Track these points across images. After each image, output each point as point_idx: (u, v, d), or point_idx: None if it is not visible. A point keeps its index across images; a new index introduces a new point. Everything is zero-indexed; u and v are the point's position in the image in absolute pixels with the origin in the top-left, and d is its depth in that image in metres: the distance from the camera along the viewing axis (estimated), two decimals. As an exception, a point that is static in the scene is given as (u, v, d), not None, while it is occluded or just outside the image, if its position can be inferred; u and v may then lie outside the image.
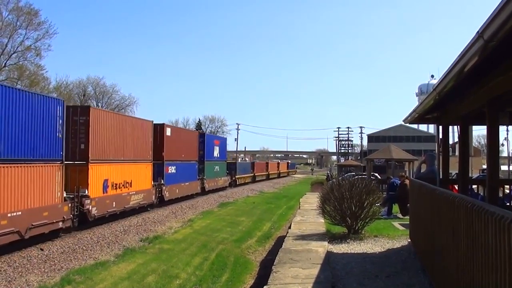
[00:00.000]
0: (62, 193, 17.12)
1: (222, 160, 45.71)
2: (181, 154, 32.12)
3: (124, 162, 22.90)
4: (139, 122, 25.70)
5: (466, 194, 9.02)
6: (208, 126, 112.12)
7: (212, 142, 41.78)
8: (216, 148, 42.40)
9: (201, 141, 37.82)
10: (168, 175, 29.13)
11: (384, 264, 9.75)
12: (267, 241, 20.80)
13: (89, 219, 19.22)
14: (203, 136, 39.69)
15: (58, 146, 16.95)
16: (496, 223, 3.79)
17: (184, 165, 32.65)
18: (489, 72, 6.09)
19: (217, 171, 42.99)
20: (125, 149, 23.20)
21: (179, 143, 31.49)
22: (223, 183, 45.47)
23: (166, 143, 28.86)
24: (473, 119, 9.77)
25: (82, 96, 70.96)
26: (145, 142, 25.76)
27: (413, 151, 60.97)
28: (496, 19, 3.97)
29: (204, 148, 38.08)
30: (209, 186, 39.67)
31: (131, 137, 23.91)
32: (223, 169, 46.01)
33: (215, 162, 41.93)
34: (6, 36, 49.16)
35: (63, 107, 17.27)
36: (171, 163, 29.85)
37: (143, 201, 25.18)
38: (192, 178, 34.95)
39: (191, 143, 35.10)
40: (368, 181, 14.80)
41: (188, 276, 14.15)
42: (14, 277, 12.48)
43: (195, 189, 35.85)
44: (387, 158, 35.59)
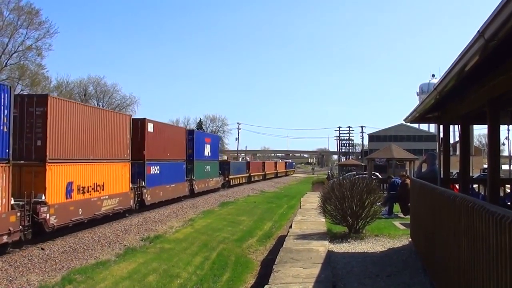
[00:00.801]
0: (8, 200, 14.08)
1: (214, 160, 42.60)
2: (166, 152, 29.17)
3: (94, 162, 19.82)
4: (114, 116, 22.79)
5: (467, 193, 9.02)
6: (209, 126, 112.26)
7: (202, 139, 38.70)
8: (207, 147, 39.38)
9: (190, 138, 35.01)
10: (150, 176, 26.18)
11: (385, 264, 9.75)
12: (268, 240, 20.81)
13: (46, 230, 16.12)
14: (192, 133, 36.60)
15: (3, 142, 13.97)
16: (497, 222, 3.79)
17: (170, 165, 29.67)
18: (490, 72, 6.08)
19: (208, 171, 39.82)
20: (96, 146, 20.08)
21: (163, 140, 28.54)
22: (215, 184, 42.17)
23: (148, 140, 25.92)
24: (474, 119, 9.77)
25: (83, 96, 71.03)
26: (121, 139, 22.63)
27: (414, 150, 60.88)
28: (496, 18, 3.97)
29: (193, 146, 35.22)
30: (199, 188, 36.56)
31: (104, 133, 20.80)
32: (215, 169, 42.84)
33: (205, 161, 38.87)
34: (7, 35, 49.31)
35: (9, 95, 14.21)
36: (154, 163, 26.84)
37: (119, 206, 21.97)
38: (179, 179, 31.83)
39: (178, 140, 31.89)
40: (369, 181, 14.78)
41: (189, 275, 14.17)
42: (15, 276, 12.49)
43: (183, 191, 32.59)
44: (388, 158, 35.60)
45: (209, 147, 39.91)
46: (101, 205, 20.19)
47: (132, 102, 78.77)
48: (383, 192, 19.17)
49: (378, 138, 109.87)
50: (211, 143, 40.93)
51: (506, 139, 36.02)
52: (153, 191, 26.44)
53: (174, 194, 30.41)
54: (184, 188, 32.89)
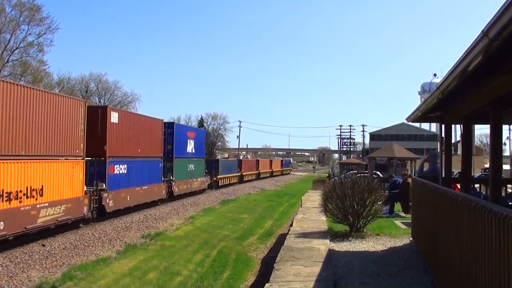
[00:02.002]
0: None
1: (199, 157, 37.86)
2: (137, 148, 24.78)
3: (28, 159, 15.41)
4: (61, 101, 17.76)
5: (469, 193, 8.99)
6: (210, 123, 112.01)
7: (184, 134, 34.12)
8: (190, 142, 34.84)
9: (169, 132, 30.61)
10: (114, 176, 21.86)
11: (386, 263, 9.74)
12: (269, 238, 20.83)
13: None
14: (172, 126, 31.76)
15: None
16: (499, 222, 3.78)
17: (142, 164, 25.30)
18: (493, 72, 6.07)
19: (192, 170, 35.30)
20: (32, 139, 15.69)
21: (133, 133, 24.26)
22: (199, 185, 37.62)
23: (111, 133, 21.59)
24: (476, 118, 9.74)
25: (84, 92, 71.02)
26: (72, 131, 17.97)
27: (415, 149, 60.92)
28: (501, 17, 3.95)
29: (173, 142, 30.87)
30: (180, 190, 32.18)
31: (46, 122, 16.48)
32: (201, 168, 38.19)
33: (188, 159, 34.48)
34: (9, 31, 49.23)
35: None
36: (120, 161, 22.54)
37: (65, 216, 17.39)
38: (154, 180, 27.29)
39: (153, 134, 27.30)
40: (370, 180, 14.77)
41: (190, 273, 14.18)
42: (16, 272, 12.51)
43: (159, 194, 28.09)
44: (389, 157, 35.62)
45: (192, 142, 35.49)
46: (37, 215, 15.67)
47: (134, 100, 78.67)
48: (384, 191, 19.17)
49: (379, 137, 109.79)
50: (195, 138, 36.57)
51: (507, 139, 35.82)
52: (117, 195, 21.97)
53: (146, 198, 25.99)
54: (161, 190, 28.42)
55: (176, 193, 31.44)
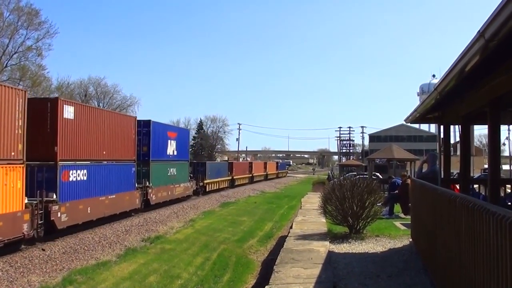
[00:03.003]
0: None
1: (182, 160, 33.60)
2: (101, 150, 20.80)
3: None
4: None
5: (467, 193, 9.02)
6: (210, 126, 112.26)
7: (163, 134, 29.99)
8: (171, 143, 30.91)
9: (145, 132, 26.79)
10: (69, 185, 17.73)
11: (385, 264, 9.75)
12: (269, 241, 20.82)
13: None
14: (148, 124, 27.23)
15: None
16: (497, 222, 3.79)
17: (107, 168, 21.26)
18: (491, 72, 6.09)
19: (173, 175, 31.15)
20: None
21: (95, 132, 20.18)
22: (183, 192, 33.27)
23: (65, 131, 17.51)
24: (475, 119, 9.77)
25: (83, 96, 71.06)
26: (4, 128, 14.10)
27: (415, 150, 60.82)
28: (497, 18, 3.97)
29: (150, 143, 26.94)
30: (158, 198, 28.03)
31: None
32: (184, 173, 34.03)
33: (169, 162, 30.51)
34: (7, 36, 49.25)
35: None
36: (77, 165, 18.46)
37: None
38: (126, 188, 23.12)
39: (123, 134, 23.27)
40: (369, 181, 14.79)
41: (190, 276, 14.17)
42: (16, 277, 12.50)
43: (131, 203, 23.79)
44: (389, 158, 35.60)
45: (174, 143, 31.49)
46: None
47: (133, 103, 78.75)
48: (383, 192, 19.18)
49: (378, 138, 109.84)
50: (177, 138, 32.34)
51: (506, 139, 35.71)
52: (73, 207, 17.89)
53: (115, 209, 21.87)
54: (134, 199, 24.20)
55: (154, 202, 27.24)
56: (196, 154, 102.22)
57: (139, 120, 26.86)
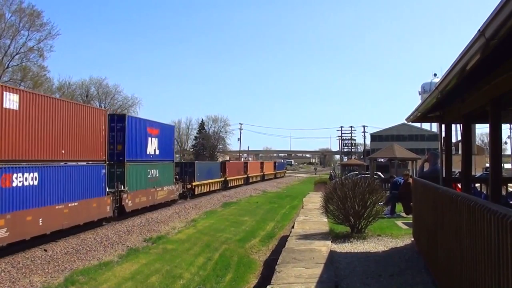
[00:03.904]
0: None
1: (166, 160, 29.83)
2: (58, 149, 17.15)
3: None
4: None
5: (469, 192, 9.01)
6: (211, 126, 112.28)
7: (142, 130, 26.12)
8: (152, 141, 27.19)
9: (119, 128, 23.29)
10: (11, 191, 14.45)
11: (387, 263, 9.75)
12: (271, 240, 20.81)
13: None
14: (123, 119, 23.81)
15: None
16: (498, 221, 3.79)
17: (67, 170, 17.66)
18: (492, 71, 6.08)
19: (155, 177, 27.56)
20: None
21: (49, 127, 16.55)
22: (166, 196, 29.53)
23: (5, 124, 14.31)
24: (476, 118, 9.76)
25: (85, 97, 71.17)
26: None
27: (416, 150, 60.95)
28: (497, 17, 3.97)
29: (125, 140, 23.44)
30: (136, 203, 24.39)
31: None
32: (168, 174, 30.27)
33: (149, 163, 26.89)
34: (9, 37, 49.44)
35: None
36: (23, 167, 15.09)
37: None
38: (93, 193, 19.61)
39: (89, 129, 19.72)
40: (371, 180, 14.79)
41: (192, 276, 14.18)
42: (18, 277, 12.52)
43: (99, 211, 20.29)
44: (390, 157, 35.61)
45: (156, 141, 27.79)
46: None
47: (134, 103, 78.85)
48: (385, 191, 19.17)
49: (380, 137, 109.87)
50: (159, 136, 28.48)
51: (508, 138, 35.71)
52: (16, 219, 14.45)
53: (77, 219, 18.29)
54: (103, 206, 20.67)
55: (130, 208, 23.66)
56: (197, 154, 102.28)
57: (112, 115, 24.73)
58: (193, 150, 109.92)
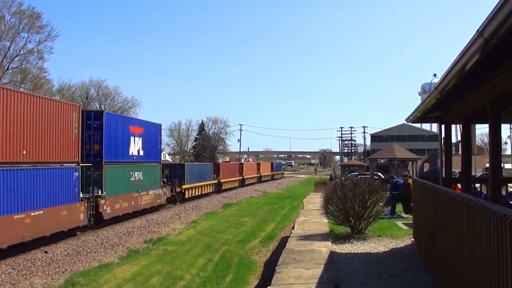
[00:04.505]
0: None
1: (152, 162, 27.45)
2: (18, 148, 15.03)
3: None
4: None
5: (469, 193, 9.01)
6: (211, 127, 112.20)
7: (124, 129, 23.70)
8: (135, 141, 24.75)
9: (97, 126, 21.20)
10: None
11: (387, 264, 9.74)
12: (271, 241, 20.82)
13: None
14: (100, 116, 21.69)
15: None
16: (497, 221, 3.79)
17: (30, 174, 15.53)
18: (491, 71, 6.08)
19: (139, 180, 24.97)
20: None
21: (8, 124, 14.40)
22: (152, 201, 26.92)
23: None
24: (476, 118, 9.76)
25: (85, 99, 71.18)
26: None
27: (416, 150, 60.85)
28: (495, 17, 3.97)
29: (103, 140, 21.32)
30: (116, 210, 21.93)
31: None
32: (154, 177, 27.69)
33: (132, 164, 24.39)
34: (9, 39, 49.38)
35: None
36: None
37: None
38: (62, 199, 17.26)
39: (58, 127, 17.33)
40: (371, 181, 14.79)
41: (192, 277, 14.18)
42: (19, 279, 12.53)
43: (72, 220, 17.95)
44: (390, 158, 35.61)
45: (139, 141, 25.36)
46: None
47: (134, 105, 78.77)
48: (385, 192, 19.17)
49: (380, 138, 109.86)
50: (144, 135, 26.00)
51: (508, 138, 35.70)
52: None
53: (42, 230, 15.99)
54: (76, 214, 18.23)
55: (109, 215, 21.26)
56: (198, 155, 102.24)
57: (88, 111, 23.00)
58: (193, 151, 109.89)
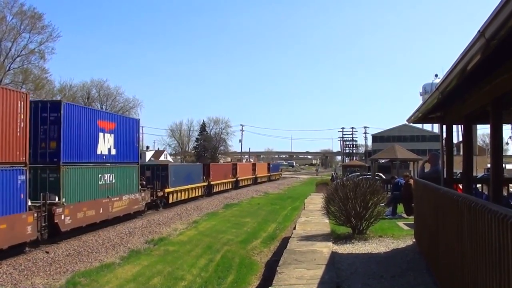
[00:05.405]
0: None
1: (127, 162, 23.86)
2: None
3: None
4: None
5: (470, 193, 9.01)
6: (213, 128, 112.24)
7: (90, 123, 20.26)
8: (105, 138, 21.35)
9: (53, 119, 17.50)
10: None
11: (389, 264, 9.74)
12: (272, 242, 20.81)
13: None
14: (57, 107, 17.77)
15: None
16: (499, 222, 3.79)
17: None
18: (493, 71, 6.08)
19: (110, 183, 21.49)
20: None
21: None
22: (127, 207, 23.20)
23: None
24: (477, 118, 9.76)
25: (86, 99, 71.25)
26: None
27: (418, 150, 60.87)
28: (497, 17, 3.97)
29: (61, 136, 17.65)
30: (79, 220, 18.44)
31: None
32: (130, 179, 24.08)
33: (101, 165, 21.05)
34: (10, 39, 49.55)
35: None
36: None
37: None
38: (3, 210, 13.94)
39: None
40: (372, 181, 14.78)
41: (194, 277, 14.18)
42: (20, 280, 12.54)
43: (15, 235, 14.47)
44: (392, 158, 35.53)
45: (111, 138, 21.97)
46: None
47: (135, 105, 78.97)
48: (386, 192, 19.15)
49: (381, 138, 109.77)
50: (117, 131, 22.57)
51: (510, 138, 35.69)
52: None
53: None
54: (21, 226, 14.80)
55: (68, 227, 17.65)
56: (199, 156, 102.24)
57: (42, 101, 19.67)
58: (194, 151, 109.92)
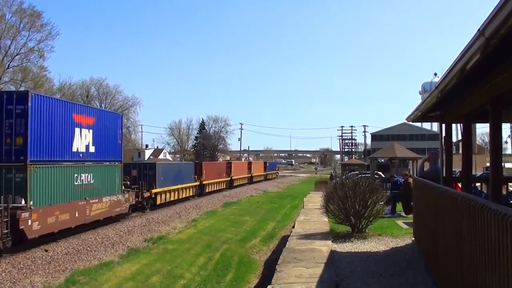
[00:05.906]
0: None
1: (108, 161, 21.63)
2: None
3: None
4: None
5: (470, 192, 9.01)
6: (212, 126, 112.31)
7: (63, 117, 17.93)
8: (82, 133, 19.16)
9: (19, 112, 15.54)
10: None
11: (388, 263, 9.74)
12: (271, 240, 20.81)
13: None
14: (24, 99, 15.63)
15: None
16: (498, 220, 3.79)
17: None
18: (492, 70, 6.07)
19: (88, 184, 19.31)
20: None
21: None
22: (107, 210, 21.06)
23: None
24: (476, 117, 9.75)
25: (85, 97, 71.24)
26: None
27: (417, 149, 60.93)
28: (497, 16, 3.96)
29: (29, 130, 15.56)
30: (49, 225, 16.35)
31: None
32: (112, 179, 21.86)
33: (77, 164, 18.72)
34: (9, 37, 49.49)
35: None
36: None
37: None
38: None
39: None
40: (371, 180, 14.78)
41: (193, 276, 14.18)
42: (19, 278, 12.54)
43: None
44: (391, 157, 35.58)
45: (89, 134, 19.81)
46: None
47: (135, 103, 78.97)
48: (385, 191, 19.15)
49: (380, 137, 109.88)
50: (96, 126, 20.43)
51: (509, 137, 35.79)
52: None
53: None
54: None
55: (37, 233, 15.63)
56: (198, 154, 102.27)
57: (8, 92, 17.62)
58: (193, 150, 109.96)
